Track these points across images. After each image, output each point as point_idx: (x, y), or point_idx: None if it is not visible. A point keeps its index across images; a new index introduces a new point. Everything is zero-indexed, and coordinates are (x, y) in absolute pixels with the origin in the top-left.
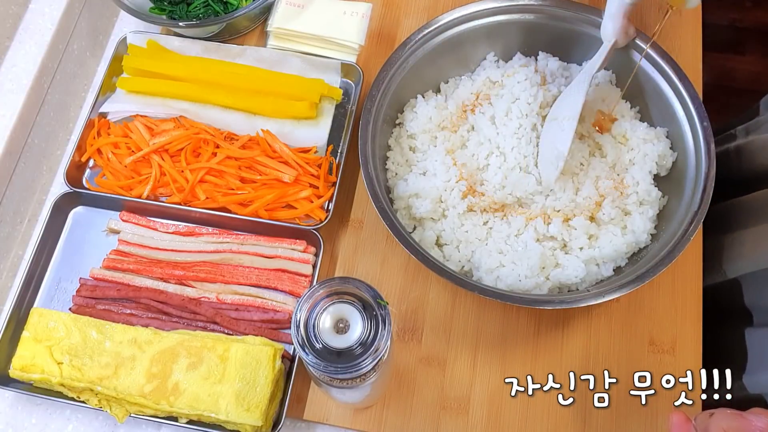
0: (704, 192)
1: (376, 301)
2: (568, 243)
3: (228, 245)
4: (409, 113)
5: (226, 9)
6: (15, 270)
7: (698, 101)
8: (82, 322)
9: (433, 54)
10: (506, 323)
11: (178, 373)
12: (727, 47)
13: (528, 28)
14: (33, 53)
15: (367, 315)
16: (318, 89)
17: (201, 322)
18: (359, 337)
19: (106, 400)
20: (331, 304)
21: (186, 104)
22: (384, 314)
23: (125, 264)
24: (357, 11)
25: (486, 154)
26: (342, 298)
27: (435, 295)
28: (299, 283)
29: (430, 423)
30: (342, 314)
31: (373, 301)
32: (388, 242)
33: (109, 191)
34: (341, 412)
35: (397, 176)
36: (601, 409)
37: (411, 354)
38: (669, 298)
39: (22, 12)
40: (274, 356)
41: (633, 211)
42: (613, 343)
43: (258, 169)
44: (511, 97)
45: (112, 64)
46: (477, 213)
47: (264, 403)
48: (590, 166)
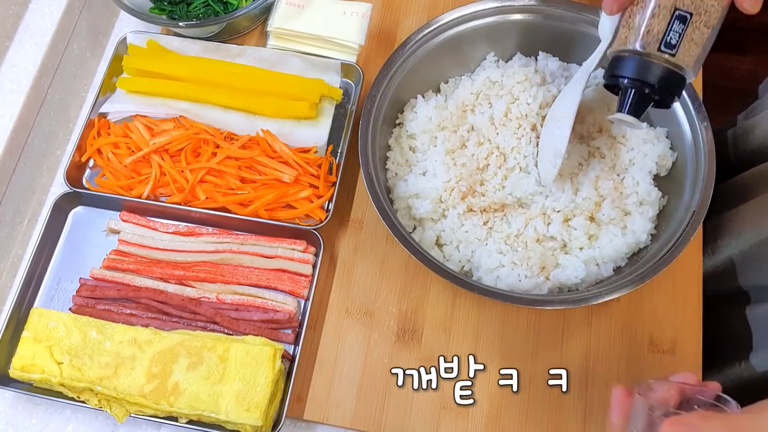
0: (704, 192)
1: None
2: (568, 243)
3: (228, 245)
4: (409, 113)
5: (226, 9)
6: (15, 270)
7: (698, 101)
8: (82, 322)
9: (433, 54)
10: (506, 323)
11: (178, 373)
12: (727, 47)
13: (528, 28)
14: (33, 53)
15: None
16: (318, 89)
17: (201, 322)
18: None
19: (106, 400)
20: None
21: (186, 104)
22: None
23: (125, 264)
24: (357, 11)
25: (486, 155)
26: None
27: (435, 295)
28: (299, 283)
29: (430, 423)
30: None
31: None
32: (388, 242)
33: (109, 191)
34: (341, 412)
35: (397, 176)
36: (601, 410)
37: (411, 354)
38: (669, 298)
39: (22, 12)
40: (274, 356)
41: (633, 211)
42: (613, 343)
43: (258, 169)
44: (510, 98)
45: (112, 64)
46: (477, 213)
47: (264, 403)
48: (590, 166)
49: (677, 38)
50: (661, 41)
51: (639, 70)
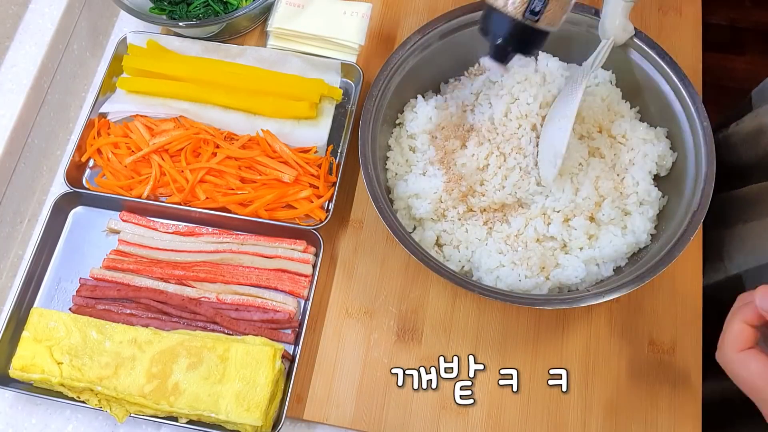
0: (704, 192)
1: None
2: (568, 243)
3: (228, 245)
4: (409, 113)
5: (226, 9)
6: (15, 270)
7: (698, 101)
8: (82, 322)
9: (433, 54)
10: (506, 323)
11: (178, 373)
12: (727, 47)
13: None
14: (33, 53)
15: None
16: (318, 89)
17: (201, 322)
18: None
19: (106, 400)
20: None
21: (186, 104)
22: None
23: (125, 264)
24: (357, 11)
25: (486, 154)
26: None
27: (435, 295)
28: (299, 283)
29: (430, 423)
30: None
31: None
32: (388, 242)
33: (109, 191)
34: (341, 412)
35: (397, 176)
36: (601, 410)
37: (411, 354)
38: (669, 298)
39: (22, 12)
40: (274, 356)
41: (633, 211)
42: (613, 343)
43: (258, 169)
44: (510, 98)
45: (112, 64)
46: (477, 213)
47: (264, 403)
48: (590, 166)
49: (541, 5)
50: (527, 8)
51: (505, 30)
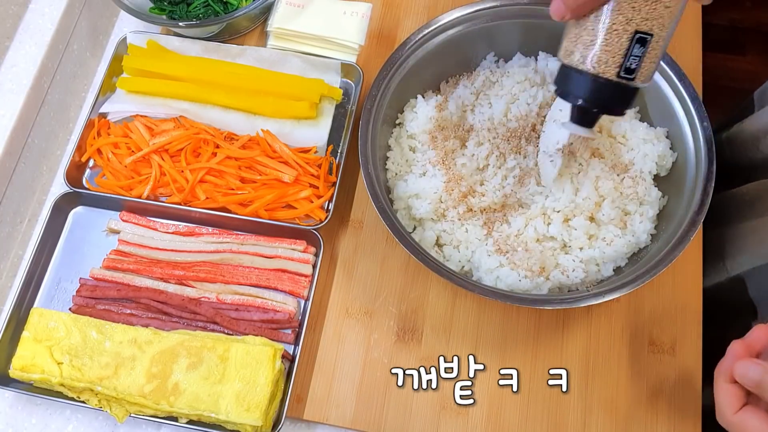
0: (704, 192)
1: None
2: (568, 243)
3: (228, 245)
4: (409, 113)
5: (226, 9)
6: (15, 270)
7: (698, 101)
8: (82, 322)
9: (433, 54)
10: (506, 323)
11: (178, 373)
12: (727, 47)
13: (528, 28)
14: (33, 53)
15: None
16: (318, 89)
17: (201, 322)
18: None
19: (106, 400)
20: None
21: (186, 104)
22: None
23: (125, 264)
24: (357, 11)
25: (485, 155)
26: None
27: (435, 295)
28: (299, 283)
29: (430, 423)
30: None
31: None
32: (388, 242)
33: (109, 191)
34: (341, 412)
35: (397, 176)
36: (601, 410)
37: (411, 354)
38: (669, 298)
39: (22, 12)
40: (274, 356)
41: (633, 211)
42: (613, 343)
43: (258, 169)
44: (510, 98)
45: (112, 64)
46: (477, 213)
47: (264, 403)
48: (590, 166)
49: (637, 63)
50: (621, 67)
51: (594, 93)
